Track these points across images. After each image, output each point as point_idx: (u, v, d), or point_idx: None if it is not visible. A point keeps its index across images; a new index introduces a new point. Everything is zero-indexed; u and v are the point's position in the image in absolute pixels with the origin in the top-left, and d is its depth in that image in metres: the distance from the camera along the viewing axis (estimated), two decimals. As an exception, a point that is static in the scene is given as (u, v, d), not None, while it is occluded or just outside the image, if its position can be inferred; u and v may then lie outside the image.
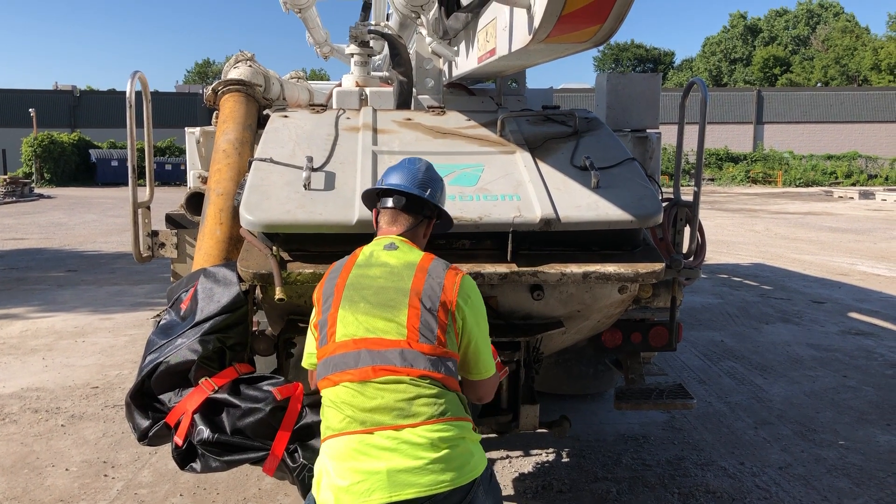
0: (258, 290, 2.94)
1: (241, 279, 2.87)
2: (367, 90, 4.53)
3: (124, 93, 3.71)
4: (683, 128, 3.93)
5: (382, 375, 2.15)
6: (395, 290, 2.27)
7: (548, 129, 3.66)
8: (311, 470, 2.43)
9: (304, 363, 2.45)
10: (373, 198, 2.58)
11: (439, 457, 2.10)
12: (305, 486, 2.46)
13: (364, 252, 2.41)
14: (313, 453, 2.46)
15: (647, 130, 4.38)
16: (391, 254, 2.37)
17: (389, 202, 2.47)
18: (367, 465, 2.06)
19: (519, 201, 3.06)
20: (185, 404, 2.57)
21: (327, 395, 2.21)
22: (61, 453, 4.58)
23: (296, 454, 2.47)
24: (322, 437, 2.21)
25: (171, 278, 4.22)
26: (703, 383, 6.04)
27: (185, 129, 4.44)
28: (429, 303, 2.25)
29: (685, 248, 3.79)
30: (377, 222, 2.53)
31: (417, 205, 2.48)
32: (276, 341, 3.12)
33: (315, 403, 2.60)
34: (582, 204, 3.07)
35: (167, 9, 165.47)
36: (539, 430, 3.72)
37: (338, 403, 2.16)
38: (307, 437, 2.51)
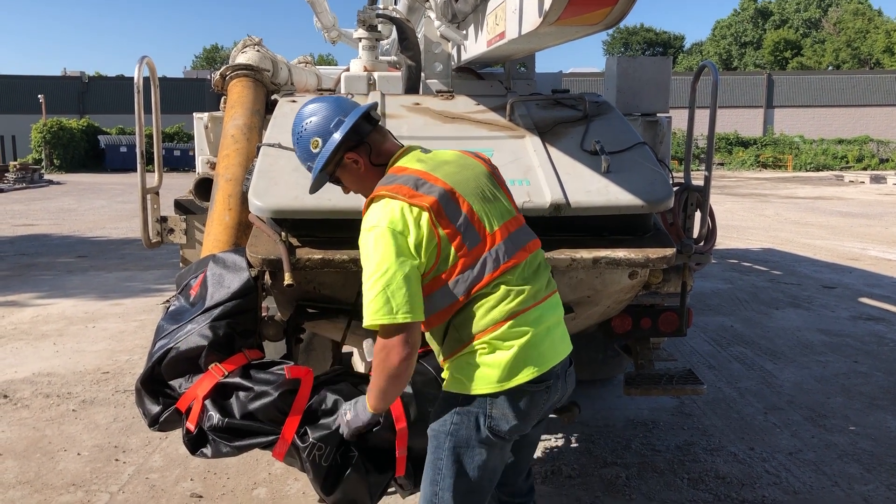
0: (267, 276, 2.94)
1: (250, 265, 2.86)
2: (376, 75, 4.50)
3: (132, 78, 3.69)
4: (694, 112, 3.90)
5: (534, 250, 2.32)
6: (483, 174, 2.35)
7: (557, 114, 3.63)
8: (321, 448, 2.43)
9: (416, 309, 2.07)
10: (338, 146, 2.31)
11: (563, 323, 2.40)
12: (316, 467, 2.45)
13: (411, 162, 2.27)
14: (323, 432, 2.46)
15: (658, 114, 4.34)
16: (435, 153, 2.38)
17: (370, 123, 2.37)
18: (550, 331, 2.27)
19: (528, 186, 3.03)
20: (195, 390, 2.57)
21: (493, 287, 2.15)
22: (73, 438, 4.62)
23: (305, 435, 2.47)
24: (482, 329, 2.15)
25: (181, 264, 4.23)
26: (713, 369, 6.03)
27: (194, 114, 4.41)
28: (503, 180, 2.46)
29: (696, 233, 3.77)
30: (366, 155, 2.33)
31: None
32: (285, 327, 3.12)
33: (327, 381, 2.60)
34: (592, 189, 3.04)
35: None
36: (548, 416, 3.71)
37: (512, 285, 2.18)
38: (316, 419, 2.51)
